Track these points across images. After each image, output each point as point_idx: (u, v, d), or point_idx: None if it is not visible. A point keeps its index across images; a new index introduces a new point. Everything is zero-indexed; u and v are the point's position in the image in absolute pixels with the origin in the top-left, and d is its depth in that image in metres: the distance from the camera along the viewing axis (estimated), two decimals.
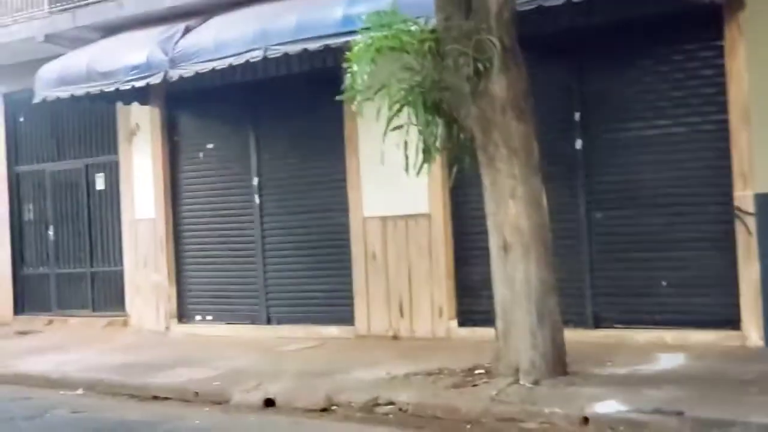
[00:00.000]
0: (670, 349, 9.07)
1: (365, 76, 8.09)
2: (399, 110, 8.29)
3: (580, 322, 9.47)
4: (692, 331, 9.31)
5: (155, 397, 9.33)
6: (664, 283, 9.59)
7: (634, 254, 9.73)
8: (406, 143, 8.34)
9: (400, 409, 7.85)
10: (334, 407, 8.18)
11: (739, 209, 8.98)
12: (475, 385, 8.07)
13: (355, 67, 8.12)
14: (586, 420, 6.96)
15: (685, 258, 9.45)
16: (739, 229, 9.00)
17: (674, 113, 9.48)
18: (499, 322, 8.27)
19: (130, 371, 10.30)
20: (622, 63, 9.76)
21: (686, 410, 6.73)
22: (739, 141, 8.98)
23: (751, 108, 8.88)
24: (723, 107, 9.11)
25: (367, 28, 8.30)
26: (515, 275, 8.08)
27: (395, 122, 8.32)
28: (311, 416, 8.09)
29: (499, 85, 7.96)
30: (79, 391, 9.92)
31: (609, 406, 7.07)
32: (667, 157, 9.51)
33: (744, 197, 8.96)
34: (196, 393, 9.11)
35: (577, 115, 9.95)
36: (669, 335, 9.40)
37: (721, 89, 9.12)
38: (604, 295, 9.93)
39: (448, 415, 7.55)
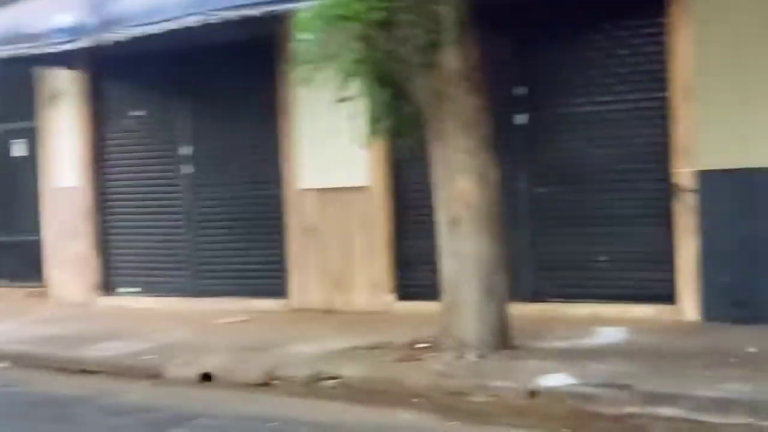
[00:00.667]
0: (609, 323, 9.21)
1: (313, 46, 8.02)
2: (348, 81, 8.27)
3: (518, 296, 9.47)
4: (630, 305, 9.48)
5: (85, 371, 9.19)
6: (602, 258, 9.77)
7: (574, 229, 9.89)
8: (356, 115, 8.34)
9: (345, 384, 7.86)
10: (275, 382, 8.17)
11: (678, 186, 9.19)
12: (419, 359, 8.12)
13: (303, 36, 8.06)
14: (533, 393, 7.05)
15: (624, 234, 9.62)
16: (678, 205, 9.21)
17: (617, 89, 9.61)
18: (445, 297, 8.33)
19: (57, 344, 10.17)
20: (566, 38, 9.85)
21: (633, 383, 6.87)
22: (680, 118, 9.16)
23: (694, 86, 9.05)
24: (665, 84, 9.28)
25: None
26: (464, 250, 8.15)
27: (343, 93, 8.30)
28: (252, 391, 8.05)
29: (451, 58, 7.98)
30: (4, 364, 9.77)
31: (557, 379, 7.17)
32: (608, 133, 9.67)
33: (684, 174, 9.15)
34: (129, 367, 9.02)
35: (520, 90, 10.06)
36: (607, 309, 9.55)
37: (664, 66, 9.28)
38: (543, 269, 10.08)
39: (395, 388, 7.56)
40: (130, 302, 12.77)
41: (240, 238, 12.02)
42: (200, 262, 12.38)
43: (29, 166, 13.90)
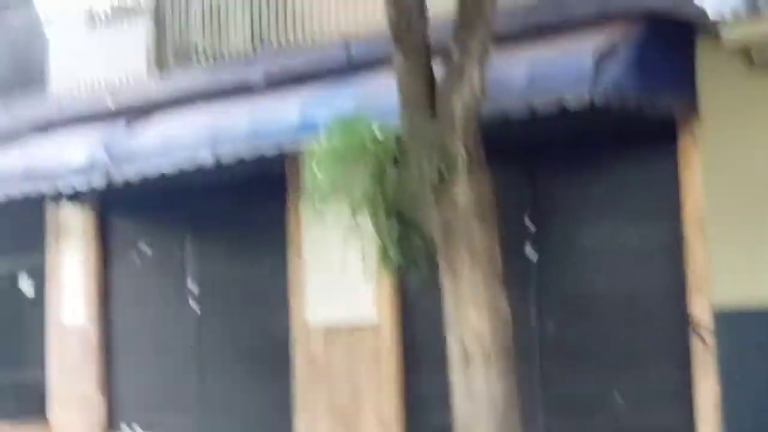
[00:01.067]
0: None
1: (326, 182, 8.05)
2: (357, 215, 8.27)
3: None
4: None
5: None
6: (618, 398, 9.52)
7: (586, 366, 9.66)
8: (364, 249, 8.32)
9: None
10: None
11: (695, 323, 9.00)
12: None
13: (314, 171, 8.08)
14: None
15: (640, 372, 9.40)
16: (696, 343, 9.00)
17: (628, 222, 9.55)
18: None
19: None
20: (576, 173, 9.87)
21: None
22: (694, 254, 9.03)
23: (706, 220, 8.98)
24: (678, 219, 9.20)
25: (329, 132, 8.32)
26: (477, 388, 7.91)
27: (353, 228, 8.29)
28: None
29: (462, 192, 7.93)
30: None
31: None
32: (620, 267, 9.56)
33: (701, 311, 8.97)
34: None
35: (530, 223, 10.02)
36: None
37: (677, 201, 9.22)
38: (554, 409, 9.81)
39: None
40: None
41: (246, 377, 11.84)
42: (205, 401, 12.17)
43: (36, 302, 13.85)
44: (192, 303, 12.31)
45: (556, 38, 8.95)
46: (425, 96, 8.07)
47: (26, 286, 14.06)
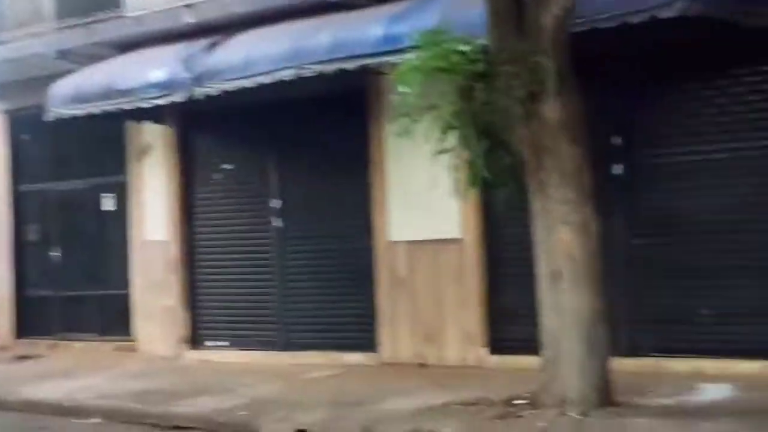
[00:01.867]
0: (712, 380, 8.95)
1: (413, 98, 7.98)
2: (446, 133, 8.22)
3: (616, 351, 9.18)
4: (734, 360, 9.18)
5: (177, 427, 9.14)
6: (704, 312, 9.49)
7: (674, 282, 9.64)
8: (456, 167, 8.29)
9: None
10: None
11: None
12: (520, 416, 7.93)
13: (403, 88, 8.01)
14: None
15: (727, 286, 9.35)
16: None
17: (718, 138, 9.43)
18: (546, 352, 8.14)
19: (148, 399, 10.13)
20: (665, 87, 9.71)
21: None
22: None
23: None
24: None
25: (415, 47, 8.22)
26: (565, 304, 7.96)
27: (443, 145, 8.26)
28: None
29: (552, 109, 7.87)
30: (96, 420, 9.74)
31: None
32: (710, 183, 9.48)
33: None
34: (222, 423, 8.93)
35: (617, 140, 9.91)
36: (709, 365, 9.28)
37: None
38: (641, 322, 9.83)
39: None
40: (218, 356, 12.71)
41: (330, 291, 11.95)
42: (289, 315, 12.31)
43: (119, 219, 14.00)
44: (274, 219, 12.33)
45: None
46: (513, 9, 7.96)
47: (110, 203, 14.19)
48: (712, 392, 8.55)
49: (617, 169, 9.91)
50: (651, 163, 9.80)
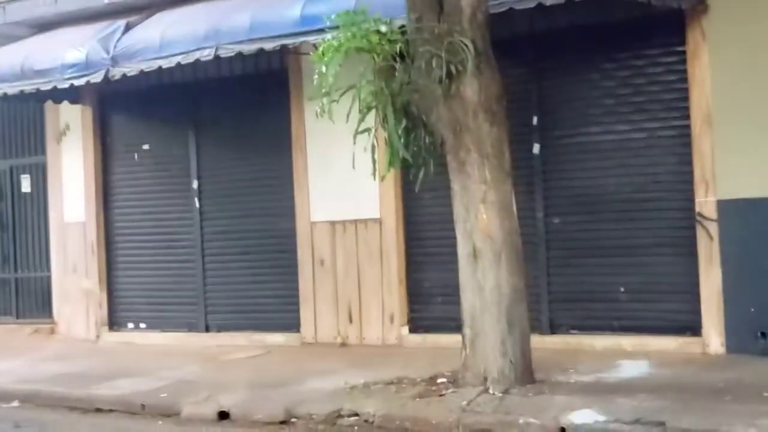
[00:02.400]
0: (630, 356, 9.06)
1: (331, 78, 7.89)
2: (367, 113, 8.16)
3: (536, 328, 9.26)
4: (652, 337, 9.29)
5: (99, 410, 9.01)
6: (622, 289, 9.58)
7: (592, 260, 9.71)
8: (373, 147, 8.23)
9: (366, 421, 7.68)
10: (293, 420, 7.98)
11: (701, 215, 8.99)
12: (441, 395, 7.94)
13: (323, 68, 7.92)
14: (563, 430, 6.86)
15: (645, 264, 9.44)
16: (701, 234, 9.01)
17: (634, 118, 9.47)
18: (466, 330, 8.15)
19: (68, 382, 9.97)
20: (581, 67, 9.73)
21: (666, 420, 6.67)
22: (701, 146, 9.00)
23: (713, 113, 8.89)
24: (685, 112, 9.12)
25: (334, 28, 8.13)
26: (485, 283, 7.98)
27: (362, 126, 8.20)
28: (270, 429, 7.88)
29: (471, 88, 7.87)
30: (15, 404, 9.58)
31: (585, 416, 6.97)
32: (626, 162, 9.52)
33: (706, 203, 8.97)
34: (143, 405, 8.83)
35: (535, 119, 9.90)
36: (627, 341, 9.39)
37: (684, 94, 9.12)
38: (560, 301, 9.90)
39: (417, 426, 7.41)
40: (138, 338, 12.60)
41: (251, 272, 11.84)
42: (210, 296, 12.19)
43: (38, 201, 13.77)
44: (194, 200, 12.18)
45: None
46: None
47: (26, 185, 13.88)
48: (630, 368, 8.61)
49: (535, 148, 9.91)
50: (569, 142, 9.82)
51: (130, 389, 9.37)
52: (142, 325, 12.75)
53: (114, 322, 12.98)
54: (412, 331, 10.68)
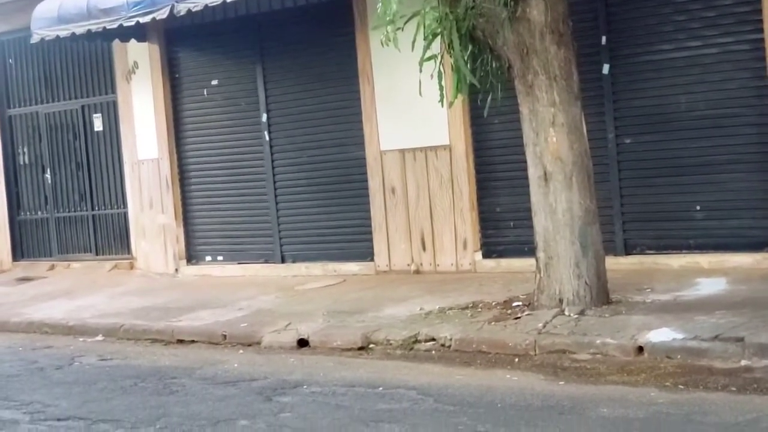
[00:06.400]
0: (707, 274, 9.03)
1: (395, 4, 7.82)
2: (432, 39, 8.11)
3: (610, 250, 9.23)
4: (728, 254, 9.24)
5: (180, 341, 9.21)
6: (698, 207, 9.51)
7: (665, 179, 9.64)
8: (440, 74, 8.19)
9: (443, 345, 7.78)
10: (371, 346, 8.10)
11: None
12: (517, 318, 8.01)
13: None
14: (640, 349, 6.91)
15: (720, 181, 9.37)
16: None
17: (705, 34, 9.33)
18: (540, 254, 8.18)
19: (149, 315, 10.19)
20: None
21: (745, 335, 6.67)
22: None
23: None
24: (758, 26, 8.94)
25: None
26: (557, 205, 7.99)
27: (428, 53, 8.15)
28: (349, 355, 7.99)
29: (537, 10, 7.80)
30: (99, 338, 9.81)
31: (663, 334, 7.01)
32: (698, 79, 9.40)
33: None
34: (224, 335, 9.01)
35: (603, 39, 9.77)
36: (704, 259, 9.35)
37: (757, 7, 8.94)
38: (634, 221, 9.87)
39: (494, 349, 7.48)
40: (216, 270, 12.76)
41: (323, 203, 11.93)
42: (284, 228, 12.28)
43: (111, 139, 13.94)
44: (264, 133, 12.23)
45: None
46: None
47: (99, 124, 14.06)
48: (708, 286, 8.59)
49: (605, 68, 9.79)
50: (639, 60, 9.69)
51: (210, 320, 9.55)
52: (219, 258, 12.89)
53: (191, 256, 13.15)
54: (485, 256, 10.70)
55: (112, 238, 14.15)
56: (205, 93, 12.82)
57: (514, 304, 8.44)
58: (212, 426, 6.16)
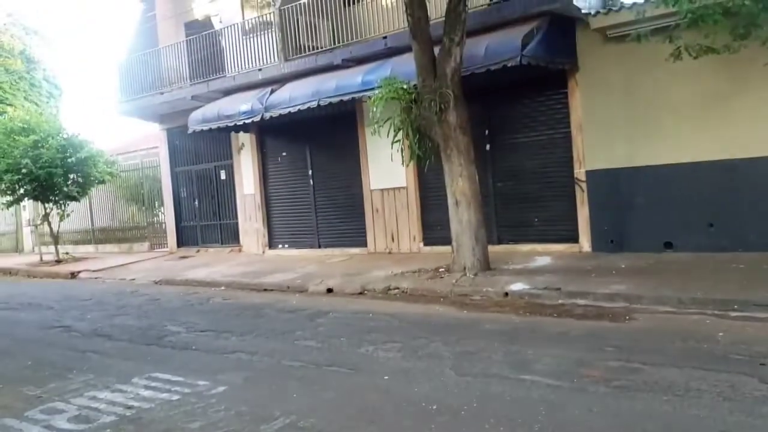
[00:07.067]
0: (541, 254, 8.95)
1: (378, 114, 7.78)
2: (398, 132, 8.06)
3: (490, 241, 9.09)
4: (552, 244, 9.14)
5: (265, 290, 9.04)
6: (536, 219, 9.41)
7: (519, 204, 9.51)
8: (402, 150, 8.14)
9: (403, 291, 7.69)
10: (365, 292, 7.99)
11: (577, 179, 8.80)
12: (441, 278, 7.92)
13: (374, 109, 7.82)
14: (506, 294, 6.86)
15: (548, 206, 9.25)
16: (577, 189, 8.82)
17: (540, 128, 9.22)
18: (454, 243, 8.09)
19: (248, 276, 9.98)
20: (511, 101, 9.45)
21: (561, 287, 6.65)
22: (576, 142, 8.77)
23: (583, 125, 8.68)
24: (567, 124, 8.89)
25: (380, 87, 8.02)
26: (462, 218, 7.92)
27: (396, 138, 8.12)
28: (354, 297, 7.88)
29: (452, 116, 7.74)
30: (222, 288, 9.60)
31: (518, 286, 6.97)
32: (536, 152, 9.28)
33: (579, 172, 8.77)
34: (288, 287, 8.84)
35: (486, 131, 9.67)
36: (539, 247, 9.23)
37: (566, 115, 8.89)
38: (502, 226, 9.71)
39: (430, 293, 7.41)
40: (284, 252, 12.52)
41: (339, 216, 11.73)
42: (320, 229, 12.07)
43: (230, 183, 13.65)
44: (309, 181, 12.09)
45: (500, 29, 8.47)
46: (430, 65, 7.80)
47: (223, 175, 13.89)
48: (541, 261, 8.52)
49: (487, 147, 9.69)
50: (505, 143, 9.57)
51: (281, 279, 9.37)
52: (285, 246, 12.69)
53: (271, 244, 12.91)
54: (425, 245, 10.54)
55: (229, 235, 13.86)
56: (279, 160, 12.64)
57: (440, 269, 8.33)
58: (282, 334, 6.07)
